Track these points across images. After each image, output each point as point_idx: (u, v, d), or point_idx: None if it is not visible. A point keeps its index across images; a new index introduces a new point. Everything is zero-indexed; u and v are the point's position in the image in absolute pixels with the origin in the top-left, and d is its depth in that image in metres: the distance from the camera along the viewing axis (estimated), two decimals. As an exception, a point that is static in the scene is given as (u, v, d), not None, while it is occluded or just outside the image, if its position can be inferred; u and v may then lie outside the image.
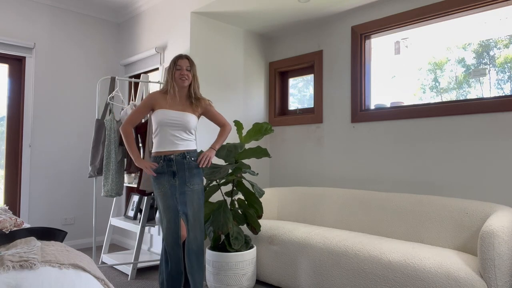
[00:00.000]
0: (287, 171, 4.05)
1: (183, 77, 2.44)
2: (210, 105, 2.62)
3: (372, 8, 3.38)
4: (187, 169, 2.43)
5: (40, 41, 3.99)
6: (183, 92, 2.51)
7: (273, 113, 4.18)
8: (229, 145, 2.93)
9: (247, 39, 4.03)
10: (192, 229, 2.40)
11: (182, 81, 2.45)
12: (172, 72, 2.47)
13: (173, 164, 2.41)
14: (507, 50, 2.73)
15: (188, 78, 2.46)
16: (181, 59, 2.48)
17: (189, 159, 2.44)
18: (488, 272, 1.96)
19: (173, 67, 2.47)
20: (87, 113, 4.33)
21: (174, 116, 2.42)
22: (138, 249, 3.26)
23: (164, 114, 2.41)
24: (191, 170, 2.44)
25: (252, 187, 2.84)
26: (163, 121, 2.40)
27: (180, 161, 2.42)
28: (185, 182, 2.41)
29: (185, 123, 2.44)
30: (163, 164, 2.40)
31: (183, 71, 2.45)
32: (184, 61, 2.47)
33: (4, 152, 3.81)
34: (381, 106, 3.39)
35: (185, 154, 2.43)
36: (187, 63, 2.47)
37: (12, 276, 1.31)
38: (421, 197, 2.75)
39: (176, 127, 2.43)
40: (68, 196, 4.16)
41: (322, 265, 2.59)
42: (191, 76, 2.48)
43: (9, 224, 1.83)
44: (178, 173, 2.41)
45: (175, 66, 2.46)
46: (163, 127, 2.42)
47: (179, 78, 2.44)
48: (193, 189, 2.44)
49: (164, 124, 2.41)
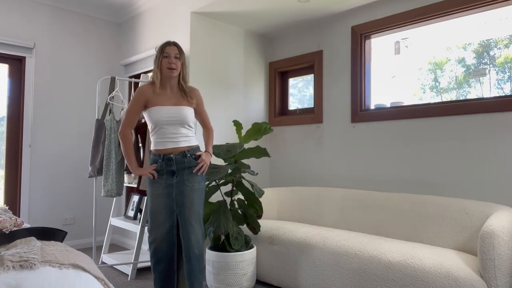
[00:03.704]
0: (287, 171, 4.05)
1: (171, 65, 2.24)
2: (201, 99, 2.48)
3: (372, 8, 3.38)
4: (187, 168, 2.30)
5: (40, 41, 3.99)
6: (173, 82, 2.33)
7: (273, 113, 4.18)
8: (229, 145, 2.93)
9: (247, 39, 4.03)
10: (193, 232, 2.28)
11: (170, 71, 2.26)
12: (159, 61, 2.27)
13: (173, 163, 2.28)
14: (507, 50, 2.73)
15: (177, 67, 2.27)
16: (168, 46, 2.28)
17: (190, 157, 2.31)
18: (488, 272, 1.96)
19: (160, 55, 2.26)
20: (87, 113, 4.33)
21: (170, 112, 2.26)
22: (138, 249, 3.26)
23: (159, 112, 2.25)
24: (191, 169, 2.33)
25: (251, 187, 2.84)
26: (159, 120, 2.26)
27: (180, 160, 2.29)
28: (183, 181, 2.29)
29: (183, 117, 2.29)
30: (162, 163, 2.28)
31: (171, 58, 2.25)
32: (172, 47, 2.28)
33: (4, 152, 3.81)
34: (381, 106, 3.39)
35: (185, 153, 2.30)
36: (176, 50, 2.28)
37: (12, 276, 1.31)
38: (421, 197, 2.75)
39: (174, 123, 2.28)
40: (68, 196, 4.16)
41: (322, 265, 2.59)
42: (179, 65, 2.29)
43: (9, 224, 1.83)
44: (177, 172, 2.29)
45: (162, 53, 2.26)
46: (160, 126, 2.27)
47: (167, 67, 2.25)
48: (192, 187, 2.30)
49: (160, 122, 2.26)
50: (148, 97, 2.29)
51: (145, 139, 3.17)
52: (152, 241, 2.35)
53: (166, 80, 2.32)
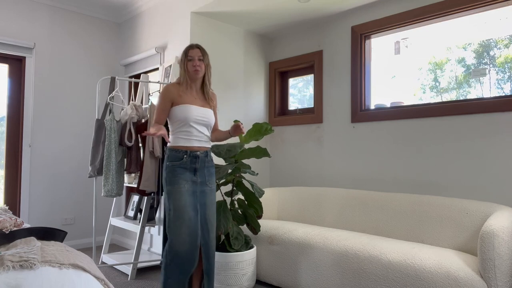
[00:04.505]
0: (287, 171, 4.05)
1: (195, 67, 2.33)
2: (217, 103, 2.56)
3: (372, 8, 3.38)
4: (206, 167, 2.38)
5: (40, 41, 3.99)
6: (197, 84, 2.42)
7: (273, 113, 4.18)
8: (229, 144, 2.93)
9: (247, 39, 4.03)
10: (212, 230, 2.36)
11: (195, 73, 2.34)
12: (184, 64, 2.36)
13: (198, 161, 2.33)
14: (507, 50, 2.73)
15: (201, 68, 2.35)
16: (192, 49, 2.36)
17: (210, 157, 2.41)
18: (488, 272, 1.96)
19: (185, 59, 2.35)
20: (87, 113, 4.33)
21: (198, 112, 2.34)
22: (138, 249, 3.26)
23: (190, 111, 2.31)
24: (210, 169, 2.41)
25: (252, 187, 2.84)
26: (190, 117, 2.30)
27: (203, 159, 2.36)
28: (205, 181, 2.36)
29: (210, 120, 2.39)
30: (187, 160, 2.30)
31: (195, 61, 2.33)
32: (195, 50, 2.36)
33: (4, 152, 3.81)
34: (381, 106, 3.39)
35: (207, 152, 2.39)
36: (199, 53, 2.36)
37: (12, 276, 1.31)
38: (421, 197, 2.75)
39: (201, 124, 2.35)
40: (68, 196, 4.16)
41: (322, 265, 2.59)
42: (203, 66, 2.37)
43: (9, 224, 1.83)
44: (198, 171, 2.34)
45: (187, 57, 2.35)
46: (190, 124, 2.31)
47: (192, 70, 2.33)
48: (211, 188, 2.40)
49: (190, 120, 2.30)
50: (174, 95, 2.34)
51: (145, 139, 3.17)
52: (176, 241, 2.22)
53: (192, 82, 2.39)
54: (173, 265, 2.22)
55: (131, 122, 3.15)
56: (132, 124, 3.16)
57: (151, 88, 3.83)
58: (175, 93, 2.34)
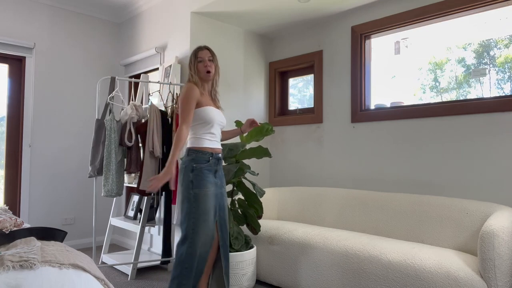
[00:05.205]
0: (287, 171, 4.05)
1: (207, 68, 2.30)
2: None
3: (372, 8, 3.38)
4: (220, 169, 2.38)
5: (40, 41, 3.99)
6: (209, 86, 2.40)
7: (273, 113, 4.18)
8: (230, 144, 2.93)
9: (247, 39, 4.03)
10: (227, 231, 2.38)
11: (208, 74, 2.31)
12: (194, 67, 2.32)
13: (220, 163, 2.34)
14: (507, 50, 2.73)
15: (212, 69, 2.33)
16: (201, 51, 2.34)
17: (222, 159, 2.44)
18: (488, 272, 1.96)
19: (194, 61, 2.32)
20: (87, 113, 4.33)
21: (219, 114, 2.35)
22: (138, 249, 3.26)
23: (215, 113, 2.31)
24: (222, 171, 2.42)
25: (253, 187, 2.84)
26: (214, 119, 2.29)
27: (221, 161, 2.38)
28: (221, 183, 2.37)
29: (224, 121, 2.42)
30: (212, 162, 2.27)
31: (206, 62, 2.31)
32: (204, 52, 2.34)
33: (4, 152, 3.81)
34: (381, 106, 3.39)
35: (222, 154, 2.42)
36: (209, 54, 2.34)
37: (12, 276, 1.31)
38: (421, 197, 2.75)
39: (221, 125, 2.37)
40: (68, 196, 4.16)
41: (322, 265, 2.59)
42: (214, 67, 2.34)
43: (9, 224, 1.83)
44: (217, 173, 2.34)
45: (196, 59, 2.32)
46: (213, 125, 2.30)
47: (204, 71, 2.30)
48: (225, 189, 2.41)
49: (214, 121, 2.29)
50: (198, 95, 2.29)
51: (145, 139, 3.17)
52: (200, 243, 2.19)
53: (205, 83, 2.37)
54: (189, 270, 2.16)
55: (131, 122, 3.16)
56: (132, 124, 3.16)
57: (151, 88, 3.83)
58: (198, 93, 2.28)
